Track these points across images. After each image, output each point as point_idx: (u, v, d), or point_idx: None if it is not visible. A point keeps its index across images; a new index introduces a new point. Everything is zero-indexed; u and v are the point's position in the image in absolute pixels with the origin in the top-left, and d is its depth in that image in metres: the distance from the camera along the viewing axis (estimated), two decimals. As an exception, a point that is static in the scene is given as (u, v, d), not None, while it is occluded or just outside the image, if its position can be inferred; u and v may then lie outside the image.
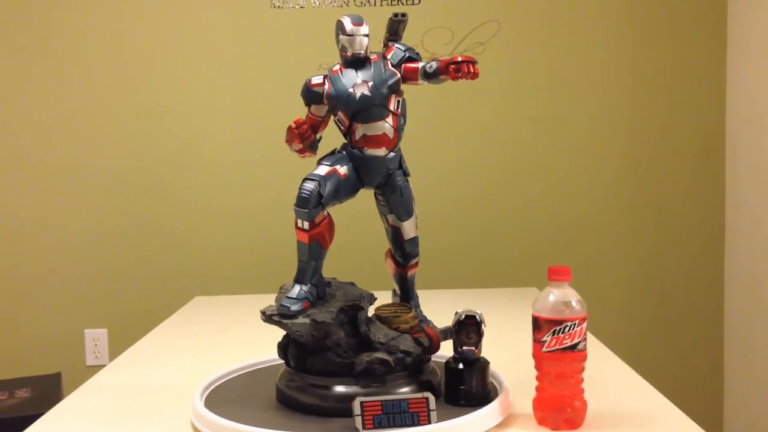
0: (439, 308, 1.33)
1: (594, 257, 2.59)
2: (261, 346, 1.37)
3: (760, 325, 2.33)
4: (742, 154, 2.46)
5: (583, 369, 1.05)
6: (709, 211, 2.58)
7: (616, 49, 2.55)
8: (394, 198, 1.20)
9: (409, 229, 1.22)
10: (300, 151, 1.20)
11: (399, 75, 1.15)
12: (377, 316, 1.19)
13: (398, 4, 2.48)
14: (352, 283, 1.23)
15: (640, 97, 2.57)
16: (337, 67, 1.18)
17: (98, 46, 2.53)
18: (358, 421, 1.00)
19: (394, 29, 1.19)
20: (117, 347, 2.36)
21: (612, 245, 2.60)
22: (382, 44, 1.20)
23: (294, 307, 1.11)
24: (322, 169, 1.15)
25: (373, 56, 1.17)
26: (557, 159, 2.58)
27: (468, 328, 1.14)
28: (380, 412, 1.01)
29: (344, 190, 1.16)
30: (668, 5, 2.54)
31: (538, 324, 1.04)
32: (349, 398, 1.04)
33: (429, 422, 1.02)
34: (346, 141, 1.18)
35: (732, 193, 2.54)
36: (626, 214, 2.59)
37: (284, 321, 1.11)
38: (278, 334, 1.19)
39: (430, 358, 1.20)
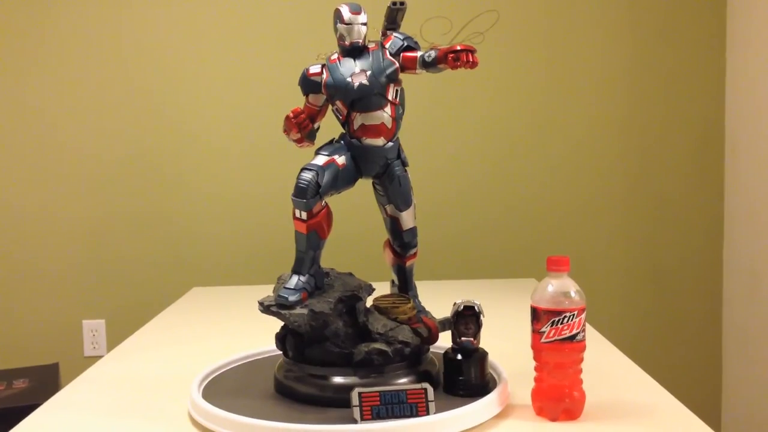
0: (438, 299, 1.32)
1: (593, 249, 2.59)
2: (259, 337, 1.37)
3: (758, 316, 2.33)
4: (741, 147, 2.45)
5: (581, 360, 1.05)
6: (708, 203, 2.58)
7: (616, 44, 2.54)
8: (393, 188, 1.19)
9: (407, 219, 1.22)
10: (298, 141, 1.19)
11: (397, 64, 1.14)
12: (376, 307, 1.19)
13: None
14: (350, 274, 1.23)
15: (640, 89, 2.56)
16: (335, 56, 1.17)
17: (97, 36, 2.52)
18: (356, 411, 1.00)
19: (393, 18, 1.18)
20: (115, 338, 2.36)
21: (611, 237, 2.60)
22: (381, 33, 1.18)
23: (292, 298, 1.11)
24: (320, 159, 1.14)
25: (371, 45, 1.16)
26: (556, 151, 2.57)
27: (467, 318, 1.13)
28: (378, 402, 1.01)
29: (342, 180, 1.15)
30: (668, 3, 2.53)
31: (536, 315, 1.04)
32: (347, 389, 1.04)
33: (427, 413, 1.01)
34: (344, 131, 1.18)
35: (731, 186, 2.53)
36: (626, 206, 2.59)
37: (282, 312, 1.11)
38: (276, 324, 1.18)
39: (428, 349, 1.20)
